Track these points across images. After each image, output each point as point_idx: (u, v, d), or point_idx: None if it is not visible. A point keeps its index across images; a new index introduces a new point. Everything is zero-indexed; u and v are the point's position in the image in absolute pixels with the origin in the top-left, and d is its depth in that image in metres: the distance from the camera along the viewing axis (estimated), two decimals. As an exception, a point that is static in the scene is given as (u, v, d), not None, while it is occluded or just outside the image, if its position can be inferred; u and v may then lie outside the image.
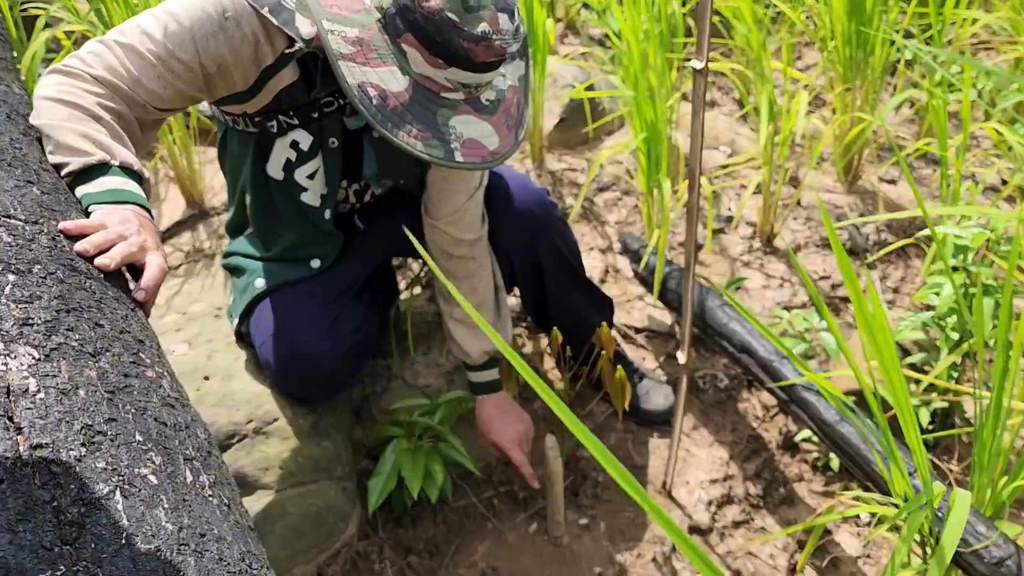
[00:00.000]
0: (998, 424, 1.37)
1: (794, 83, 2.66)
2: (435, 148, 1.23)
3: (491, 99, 1.29)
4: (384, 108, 1.21)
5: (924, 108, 2.45)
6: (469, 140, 1.26)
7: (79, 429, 0.75)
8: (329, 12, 1.21)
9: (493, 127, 1.29)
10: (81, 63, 1.23)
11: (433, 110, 1.24)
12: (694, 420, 1.92)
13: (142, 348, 0.94)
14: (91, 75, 1.23)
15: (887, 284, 2.16)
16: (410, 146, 1.22)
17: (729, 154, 2.52)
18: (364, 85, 1.21)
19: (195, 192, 2.38)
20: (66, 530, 0.66)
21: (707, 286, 1.96)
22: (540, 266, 1.73)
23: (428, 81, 1.23)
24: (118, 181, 1.15)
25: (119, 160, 1.16)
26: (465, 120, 1.26)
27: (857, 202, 2.37)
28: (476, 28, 1.17)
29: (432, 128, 1.23)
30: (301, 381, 1.60)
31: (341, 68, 1.20)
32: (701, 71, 1.31)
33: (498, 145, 1.29)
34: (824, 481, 1.81)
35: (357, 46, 1.21)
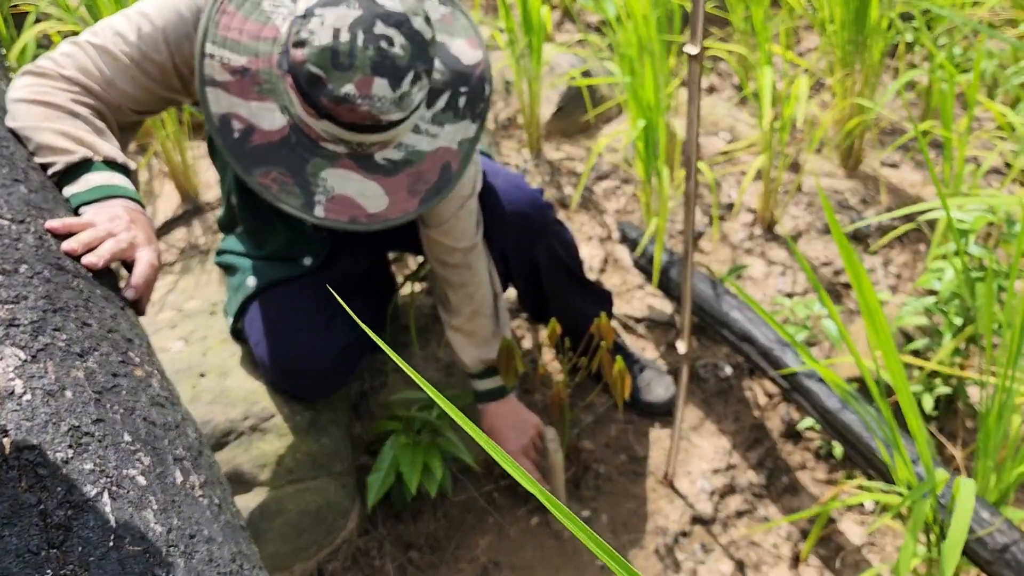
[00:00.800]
0: (1004, 410, 1.36)
1: (794, 67, 2.64)
2: (292, 196, 1.17)
3: (393, 159, 1.22)
4: (244, 144, 1.15)
5: (925, 91, 2.43)
6: (340, 197, 1.19)
7: (66, 431, 0.74)
8: (223, 36, 1.15)
9: (384, 188, 1.21)
10: (53, 64, 1.21)
11: (306, 157, 1.17)
12: (696, 410, 1.90)
13: (131, 347, 0.92)
14: (63, 75, 1.20)
15: (890, 270, 2.14)
16: (264, 188, 1.16)
17: (729, 140, 2.50)
18: (230, 117, 1.15)
19: (190, 187, 2.36)
20: (53, 533, 0.65)
21: (707, 274, 1.94)
22: (536, 266, 1.70)
23: (306, 126, 1.16)
24: (104, 177, 1.13)
25: (102, 155, 1.14)
26: (343, 175, 1.19)
27: (859, 187, 2.34)
28: (340, 89, 1.08)
29: (297, 175, 1.17)
30: (297, 379, 1.58)
31: (208, 95, 1.15)
32: (696, 56, 1.29)
33: (384, 208, 1.22)
34: (827, 469, 1.80)
35: (237, 75, 1.15)
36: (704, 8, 1.25)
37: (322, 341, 1.54)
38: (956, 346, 1.73)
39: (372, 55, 1.07)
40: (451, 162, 1.27)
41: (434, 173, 1.25)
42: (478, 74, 1.27)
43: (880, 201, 2.29)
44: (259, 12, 1.17)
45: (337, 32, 1.07)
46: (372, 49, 1.07)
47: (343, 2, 1.08)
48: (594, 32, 2.93)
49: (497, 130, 2.57)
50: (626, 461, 1.82)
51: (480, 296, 1.59)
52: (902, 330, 1.87)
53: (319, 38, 1.07)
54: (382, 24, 1.08)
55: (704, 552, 1.67)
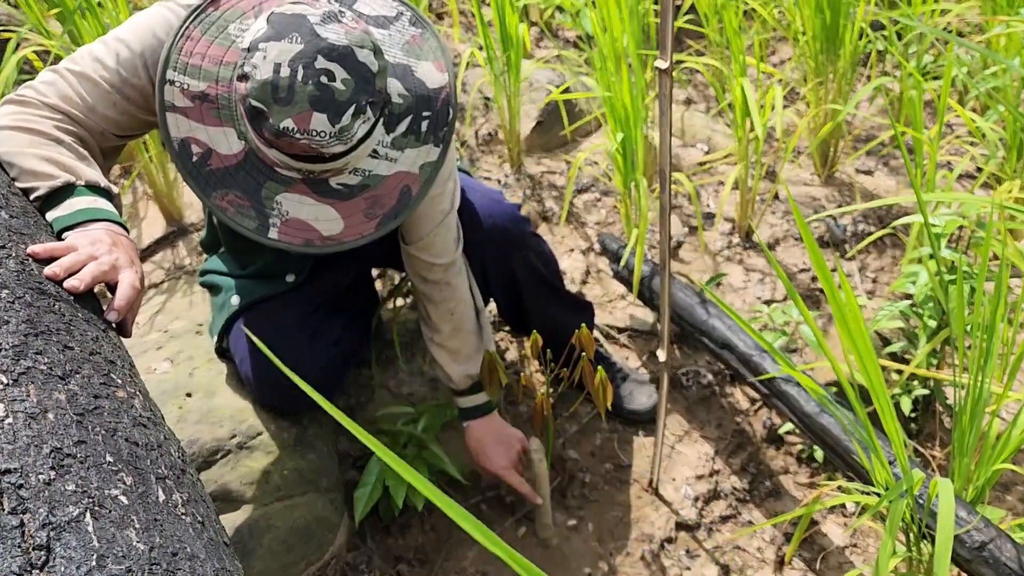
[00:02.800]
0: (977, 409, 1.39)
1: (768, 78, 2.68)
2: (248, 218, 1.20)
3: (348, 184, 1.23)
4: (203, 167, 1.18)
5: (897, 98, 2.47)
6: (294, 220, 1.21)
7: (48, 452, 0.75)
8: (184, 62, 1.18)
9: (339, 212, 1.23)
10: (35, 92, 1.23)
11: (260, 181, 1.20)
12: (679, 417, 1.93)
13: (113, 369, 0.94)
14: (45, 103, 1.22)
15: (866, 274, 2.17)
16: (221, 210, 1.19)
17: (706, 151, 2.54)
18: (189, 141, 1.18)
19: (174, 209, 2.38)
20: (35, 554, 0.66)
21: (686, 283, 1.96)
22: (516, 280, 1.72)
23: (261, 152, 1.19)
24: (86, 200, 1.15)
25: (84, 179, 1.16)
26: (297, 200, 1.21)
27: (834, 193, 2.38)
28: (279, 123, 1.10)
29: (252, 198, 1.20)
30: (283, 397, 1.60)
31: (168, 120, 1.17)
32: (666, 71, 1.32)
33: (339, 232, 1.24)
34: (809, 473, 1.82)
35: (197, 101, 1.18)
36: (673, 23, 1.28)
37: (305, 357, 1.56)
38: (932, 348, 1.75)
39: (311, 90, 1.09)
40: (411, 186, 1.27)
41: (392, 197, 1.26)
42: (443, 98, 1.27)
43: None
44: (224, 36, 1.19)
45: (278, 67, 1.09)
46: (312, 84, 1.09)
47: (286, 36, 1.10)
48: (572, 48, 2.97)
49: (478, 145, 2.60)
50: (611, 469, 1.84)
51: (460, 312, 1.59)
52: (879, 333, 1.90)
53: (261, 72, 1.09)
54: (323, 59, 1.10)
55: (690, 558, 1.69)
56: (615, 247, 2.10)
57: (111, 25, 2.14)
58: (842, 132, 2.37)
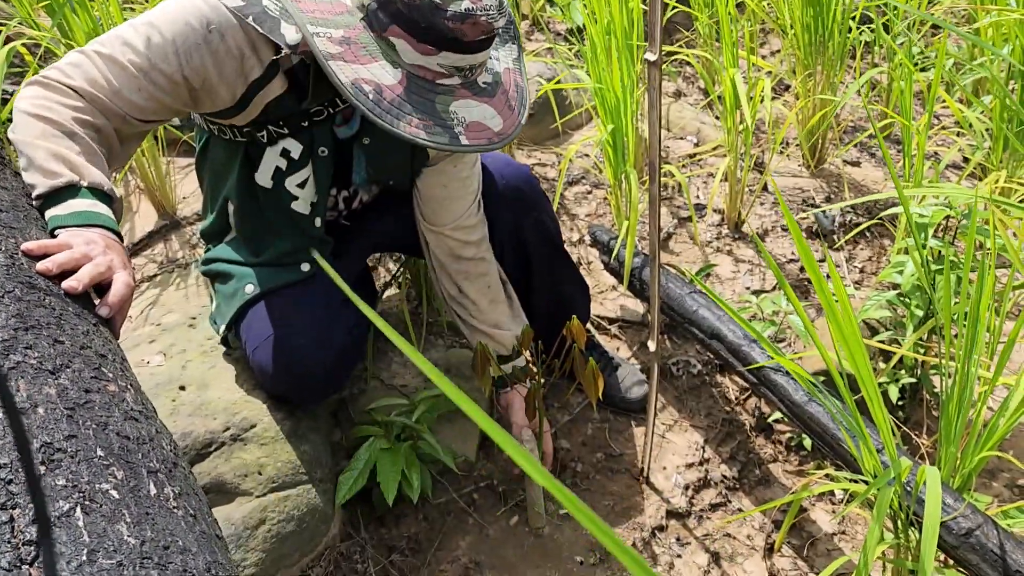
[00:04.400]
0: (964, 397, 1.40)
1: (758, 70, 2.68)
2: (439, 135, 1.23)
3: (488, 82, 1.30)
4: (381, 102, 1.21)
5: (886, 89, 2.48)
6: (473, 123, 1.26)
7: (38, 447, 0.76)
8: (312, 17, 1.22)
9: (495, 109, 1.29)
10: (60, 74, 1.24)
11: (431, 98, 1.24)
12: (669, 406, 1.94)
13: (104, 363, 0.95)
14: (69, 86, 1.23)
15: (854, 264, 2.19)
16: (412, 135, 1.21)
17: (696, 143, 2.54)
18: (358, 82, 1.21)
19: (166, 203, 2.37)
20: (25, 550, 0.67)
21: (676, 273, 1.97)
22: (525, 242, 1.75)
23: (421, 70, 1.23)
24: (86, 203, 1.15)
25: (88, 181, 1.16)
26: (465, 104, 1.26)
27: (823, 185, 2.39)
28: (460, 6, 1.18)
29: (433, 116, 1.24)
30: (297, 384, 1.59)
31: (332, 67, 1.20)
32: (655, 63, 1.33)
33: (502, 126, 1.30)
34: (798, 461, 1.84)
35: (344, 45, 1.22)
36: (662, 16, 1.29)
37: (323, 347, 1.56)
38: (919, 337, 1.77)
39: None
40: (517, 80, 1.36)
41: (514, 90, 1.34)
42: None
43: (844, 198, 2.34)
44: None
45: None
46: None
47: None
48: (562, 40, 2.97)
49: (469, 137, 2.60)
50: (602, 459, 1.85)
51: (495, 283, 1.68)
52: (867, 323, 1.91)
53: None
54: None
55: (680, 545, 1.71)
56: (606, 239, 2.11)
57: (101, 19, 2.13)
58: (830, 124, 2.38)
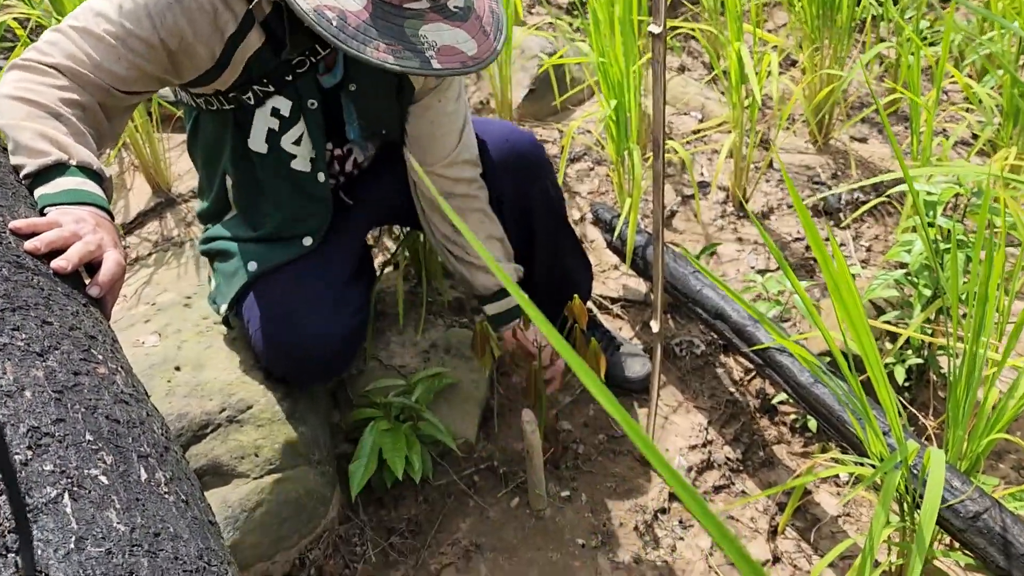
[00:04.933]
0: (972, 378, 1.38)
1: (763, 45, 2.63)
2: (408, 59, 1.20)
3: (459, 6, 1.27)
4: (345, 28, 1.18)
5: (893, 65, 2.43)
6: (444, 47, 1.23)
7: (25, 432, 0.74)
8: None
9: (468, 33, 1.26)
10: (38, 54, 1.22)
11: (399, 23, 1.21)
12: (672, 387, 1.92)
13: (94, 344, 0.92)
14: (49, 64, 1.21)
15: (860, 243, 2.15)
16: (380, 60, 1.18)
17: (700, 119, 2.50)
18: (321, 8, 1.18)
19: (161, 180, 2.34)
20: (10, 537, 0.64)
21: (680, 252, 1.94)
22: (530, 209, 1.72)
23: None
24: (75, 181, 1.12)
25: (76, 160, 1.14)
26: (436, 28, 1.24)
27: (829, 162, 2.35)
28: None
29: (401, 40, 1.21)
30: (300, 367, 1.57)
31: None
32: (659, 35, 1.29)
33: (476, 51, 1.27)
34: (802, 442, 1.82)
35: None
36: (666, -13, 1.25)
37: (331, 325, 1.53)
38: (927, 317, 1.74)
39: None
40: (491, 5, 1.34)
41: (488, 16, 1.32)
42: None
43: (851, 175, 2.31)
44: None
45: None
46: None
47: None
48: (564, 14, 2.92)
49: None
50: (604, 440, 1.83)
51: (490, 218, 1.68)
52: (873, 303, 1.89)
53: None
54: None
55: (683, 528, 1.69)
56: (608, 217, 2.08)
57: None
58: (838, 99, 2.34)
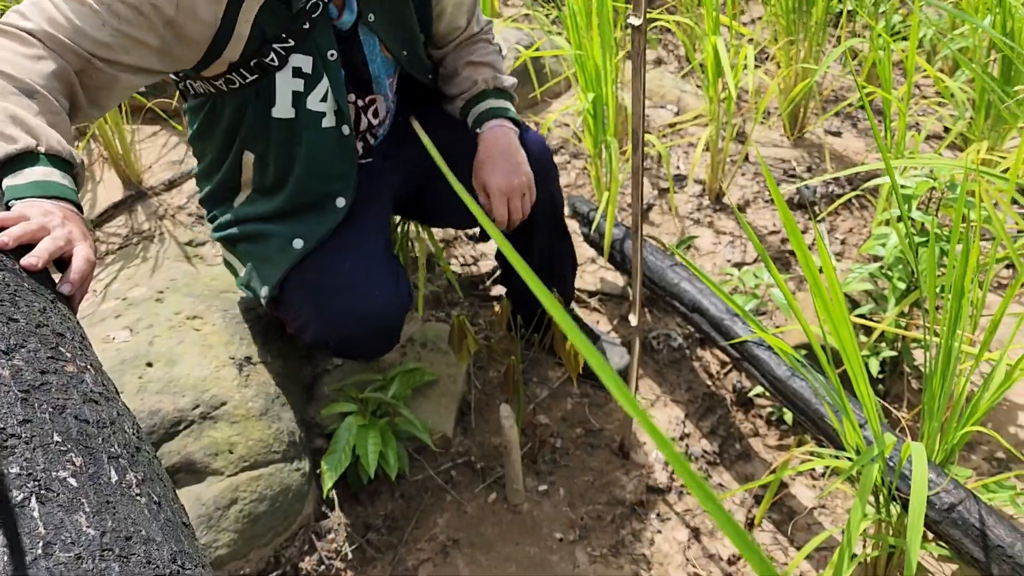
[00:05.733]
0: (947, 372, 1.39)
1: (739, 38, 2.64)
2: None
3: None
4: None
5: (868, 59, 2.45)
6: None
7: (-10, 433, 0.71)
8: None
9: None
10: (19, 17, 1.17)
11: None
12: (649, 381, 1.92)
13: (62, 342, 0.89)
14: (28, 31, 1.16)
15: (835, 236, 2.16)
16: None
17: (676, 112, 2.50)
18: None
19: (131, 172, 2.30)
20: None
21: (657, 246, 1.94)
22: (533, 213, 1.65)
23: None
24: (43, 172, 1.09)
25: (45, 147, 1.09)
26: None
27: (804, 155, 2.36)
28: None
29: None
30: (368, 338, 1.51)
31: None
32: (639, 28, 1.28)
33: None
34: (778, 435, 1.82)
35: None
36: (644, -21, 1.24)
37: (395, 296, 1.50)
38: (901, 310, 1.75)
39: None
40: None
41: None
42: None
43: (826, 168, 2.32)
44: None
45: None
46: None
47: None
48: (539, 5, 2.90)
49: (445, 106, 2.54)
50: (582, 434, 1.83)
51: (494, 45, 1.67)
52: (848, 296, 1.90)
53: None
54: None
55: (660, 521, 1.69)
56: (585, 210, 2.07)
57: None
58: (812, 93, 2.34)
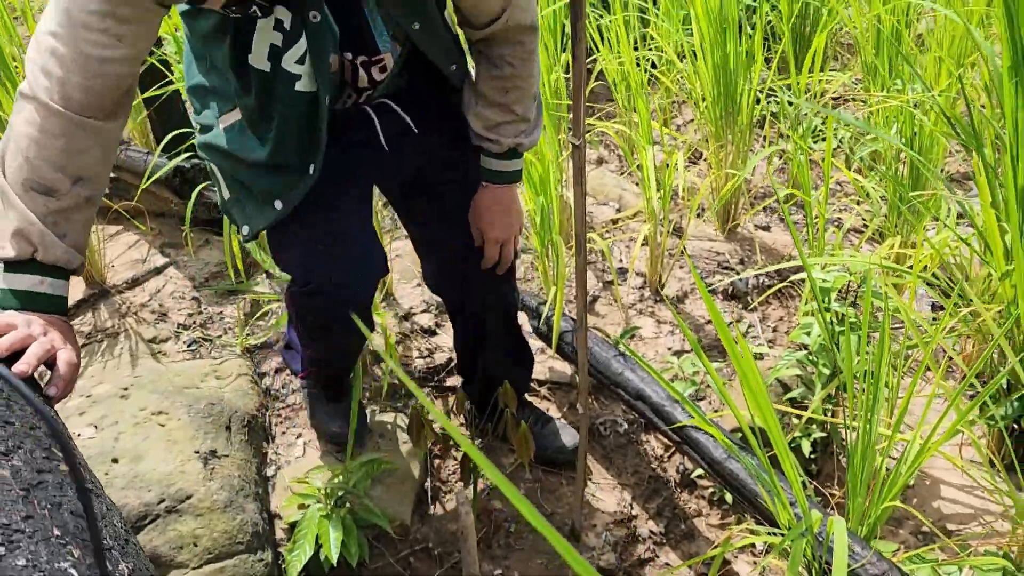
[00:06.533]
0: (868, 450, 1.52)
1: (674, 140, 2.84)
2: None
3: None
4: None
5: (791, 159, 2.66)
6: None
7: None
8: None
9: None
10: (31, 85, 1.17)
11: None
12: (598, 465, 2.02)
13: (53, 443, 0.97)
14: (53, 100, 1.16)
15: (767, 324, 2.32)
16: None
17: (617, 209, 2.67)
18: None
19: (95, 271, 2.37)
20: None
21: (602, 337, 2.07)
22: (487, 314, 1.79)
23: None
24: (33, 281, 1.15)
25: (43, 257, 1.16)
26: None
27: (737, 248, 2.54)
28: None
29: None
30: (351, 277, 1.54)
31: None
32: (578, 147, 1.43)
33: None
34: (720, 515, 1.93)
35: None
36: (584, 103, 1.40)
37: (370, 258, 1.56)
38: (827, 394, 1.90)
39: None
40: None
41: None
42: None
43: (756, 261, 2.49)
44: None
45: None
46: None
47: None
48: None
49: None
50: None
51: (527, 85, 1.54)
52: (780, 381, 2.04)
53: None
54: None
55: (611, 602, 1.77)
56: (534, 304, 2.19)
57: None
58: (741, 191, 2.54)
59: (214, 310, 2.35)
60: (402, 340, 2.26)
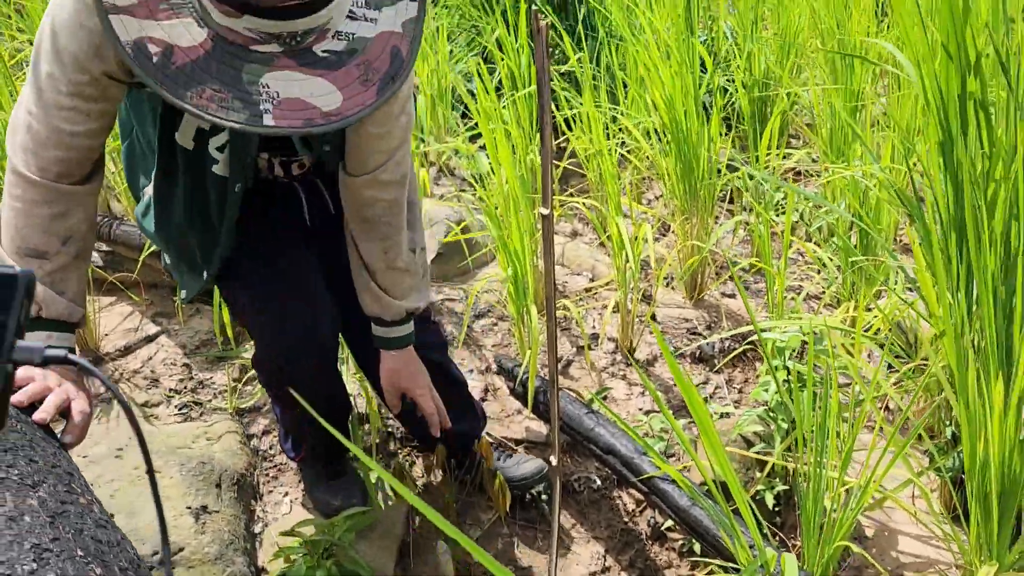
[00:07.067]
0: (818, 495, 1.64)
1: (643, 214, 3.02)
2: (233, 111, 1.07)
3: (335, 50, 1.12)
4: (167, 67, 1.06)
5: (754, 230, 2.84)
6: (287, 100, 1.09)
7: (29, 548, 0.89)
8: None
9: (334, 84, 1.11)
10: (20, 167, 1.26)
11: (238, 67, 1.07)
12: (572, 519, 2.11)
13: (72, 479, 1.08)
14: (34, 174, 1.25)
15: (733, 386, 2.46)
16: (200, 109, 1.06)
17: (591, 278, 2.83)
18: (143, 41, 1.05)
19: (90, 339, 2.47)
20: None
21: (574, 396, 2.19)
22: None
23: (230, 33, 1.07)
24: (42, 337, 1.28)
25: (47, 313, 1.29)
26: (285, 77, 1.09)
27: (704, 314, 2.69)
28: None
29: (234, 87, 1.07)
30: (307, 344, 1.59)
31: (113, 23, 1.05)
32: (547, 216, 1.58)
33: (339, 105, 1.11)
34: (689, 565, 2.02)
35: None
36: (552, 175, 1.56)
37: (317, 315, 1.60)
38: (786, 447, 2.02)
39: None
40: (399, 46, 1.17)
41: (384, 60, 1.15)
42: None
43: (723, 327, 2.64)
44: None
45: None
46: None
47: None
48: (468, 185, 3.27)
49: (384, 275, 2.82)
50: (512, 572, 1.99)
51: (396, 250, 1.59)
52: (743, 436, 2.16)
53: None
54: None
55: (586, 650, 1.85)
56: (510, 367, 2.32)
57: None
58: (707, 261, 2.70)
59: (204, 376, 2.45)
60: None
